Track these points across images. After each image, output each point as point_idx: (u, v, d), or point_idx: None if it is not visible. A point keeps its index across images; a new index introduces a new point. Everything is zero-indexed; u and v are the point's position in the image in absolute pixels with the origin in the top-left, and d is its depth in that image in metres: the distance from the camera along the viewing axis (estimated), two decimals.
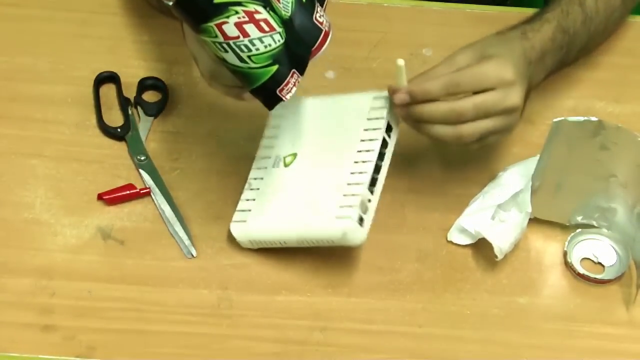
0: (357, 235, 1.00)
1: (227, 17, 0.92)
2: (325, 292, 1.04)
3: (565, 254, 1.07)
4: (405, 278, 1.06)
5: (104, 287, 1.03)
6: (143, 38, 1.24)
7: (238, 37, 0.93)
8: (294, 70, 0.96)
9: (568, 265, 1.07)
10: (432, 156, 1.09)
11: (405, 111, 1.03)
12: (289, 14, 0.95)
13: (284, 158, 1.08)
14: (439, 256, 1.07)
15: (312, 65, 0.99)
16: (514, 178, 1.09)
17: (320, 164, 1.05)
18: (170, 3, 0.92)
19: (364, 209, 1.00)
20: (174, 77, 1.20)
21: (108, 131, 1.15)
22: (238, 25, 0.92)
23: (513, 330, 1.03)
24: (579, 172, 1.04)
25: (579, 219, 1.09)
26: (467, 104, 1.02)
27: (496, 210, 1.06)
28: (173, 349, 1.00)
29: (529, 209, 1.06)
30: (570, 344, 1.02)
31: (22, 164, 1.12)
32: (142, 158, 1.13)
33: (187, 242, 1.06)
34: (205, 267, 1.05)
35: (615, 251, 1.08)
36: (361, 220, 1.00)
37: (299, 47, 0.96)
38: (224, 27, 0.92)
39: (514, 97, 1.03)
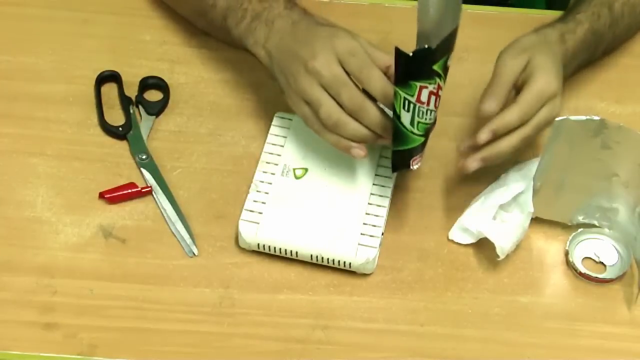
0: (374, 265, 1.04)
1: (429, 83, 0.99)
2: (327, 291, 1.04)
3: (566, 253, 1.07)
4: (406, 277, 1.06)
5: (105, 285, 1.03)
6: (144, 37, 1.24)
7: (424, 103, 0.99)
8: (425, 148, 1.04)
9: (570, 265, 1.07)
10: (434, 156, 1.09)
11: (481, 160, 1.05)
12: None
13: (294, 170, 1.09)
14: (441, 255, 1.07)
15: None
16: (516, 179, 1.09)
17: (334, 187, 1.08)
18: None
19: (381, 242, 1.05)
20: (175, 76, 1.20)
21: (109, 130, 1.15)
22: (430, 94, 0.99)
23: (514, 330, 1.03)
24: (580, 172, 1.04)
25: (581, 218, 1.09)
26: (532, 130, 1.05)
27: (498, 210, 1.06)
28: (174, 347, 1.00)
29: (531, 210, 1.05)
30: (572, 343, 1.02)
31: (23, 162, 1.12)
32: (144, 157, 1.13)
33: (188, 240, 1.06)
34: (207, 266, 1.05)
35: (617, 251, 1.08)
36: None
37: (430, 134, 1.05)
38: (423, 90, 0.99)
39: (558, 107, 1.07)
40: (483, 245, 1.07)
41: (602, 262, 1.08)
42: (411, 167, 1.04)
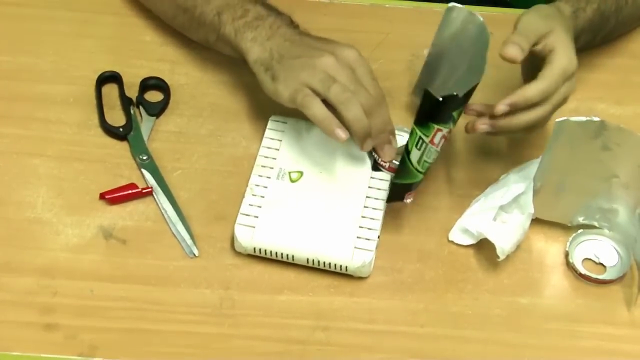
0: (370, 268, 1.04)
1: (444, 126, 1.02)
2: (327, 292, 1.04)
3: (566, 254, 1.07)
4: (407, 278, 1.06)
5: (106, 286, 1.03)
6: (145, 38, 1.25)
7: (435, 144, 1.03)
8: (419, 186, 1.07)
9: (570, 266, 1.07)
10: None
11: (492, 125, 1.06)
12: None
13: (289, 173, 1.09)
14: (441, 256, 1.07)
15: None
16: (516, 180, 1.09)
17: (330, 190, 1.08)
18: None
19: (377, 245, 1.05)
20: (176, 76, 1.21)
21: (110, 131, 1.15)
22: (442, 137, 1.03)
23: (514, 331, 1.03)
24: (580, 173, 1.04)
25: (581, 219, 1.09)
26: (552, 108, 1.05)
27: (498, 211, 1.07)
28: (175, 348, 1.00)
29: (531, 211, 1.06)
30: (572, 345, 1.03)
31: (24, 163, 1.12)
32: (144, 158, 1.13)
33: (189, 241, 1.07)
34: (207, 267, 1.05)
35: (617, 252, 1.08)
36: None
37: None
38: (438, 133, 1.02)
39: (574, 84, 1.06)
40: (483, 246, 1.07)
41: (602, 263, 1.08)
42: (404, 201, 1.06)
